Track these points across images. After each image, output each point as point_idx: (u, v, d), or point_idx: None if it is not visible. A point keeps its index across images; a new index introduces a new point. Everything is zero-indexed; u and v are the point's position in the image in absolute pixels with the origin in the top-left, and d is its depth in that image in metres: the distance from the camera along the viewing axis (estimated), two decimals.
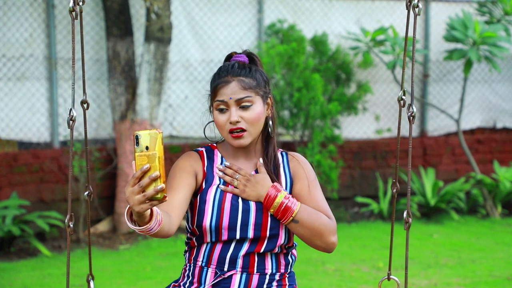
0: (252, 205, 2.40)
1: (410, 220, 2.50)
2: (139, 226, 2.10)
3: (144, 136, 2.02)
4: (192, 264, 2.47)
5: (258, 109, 2.42)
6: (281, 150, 2.55)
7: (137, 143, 2.02)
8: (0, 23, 7.35)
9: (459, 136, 8.44)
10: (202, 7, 8.14)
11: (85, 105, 2.37)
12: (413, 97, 2.38)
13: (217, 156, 2.52)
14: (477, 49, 8.00)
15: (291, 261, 2.50)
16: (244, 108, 2.41)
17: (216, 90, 2.47)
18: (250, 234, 2.38)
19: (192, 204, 2.43)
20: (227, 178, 2.42)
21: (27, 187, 7.26)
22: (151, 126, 7.40)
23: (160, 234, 2.19)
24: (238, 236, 2.38)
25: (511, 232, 7.68)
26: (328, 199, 8.29)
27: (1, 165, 7.15)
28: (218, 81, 2.46)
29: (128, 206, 2.07)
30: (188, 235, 2.48)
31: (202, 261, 2.43)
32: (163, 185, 1.98)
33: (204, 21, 8.16)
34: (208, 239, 2.40)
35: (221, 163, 2.49)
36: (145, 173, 2.00)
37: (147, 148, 2.01)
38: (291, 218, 2.37)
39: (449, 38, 8.12)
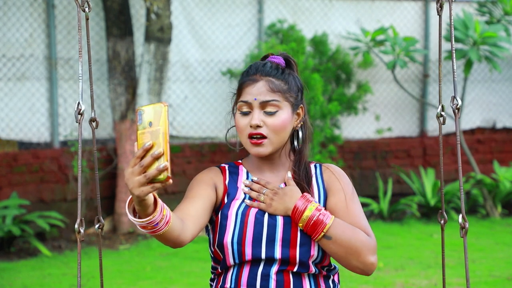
0: (279, 220, 2.13)
1: (467, 225, 2.25)
2: (141, 219, 1.86)
3: (148, 111, 1.79)
4: None
5: (284, 117, 2.14)
6: (315, 162, 2.26)
7: (140, 120, 1.80)
8: (0, 23, 7.35)
9: (461, 136, 8.43)
10: (202, 7, 8.14)
11: (94, 124, 2.21)
12: (456, 90, 2.22)
13: (242, 171, 2.23)
14: (478, 49, 8.00)
15: (332, 285, 2.22)
16: (269, 114, 2.13)
17: (241, 89, 2.17)
18: (278, 252, 2.10)
19: (213, 223, 2.17)
20: (254, 194, 2.13)
21: (27, 187, 7.26)
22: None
23: (170, 237, 1.94)
24: (264, 256, 2.10)
25: (511, 232, 7.68)
26: None
27: (1, 165, 7.16)
28: (245, 78, 2.17)
29: (130, 197, 1.86)
30: (213, 263, 2.22)
31: (230, 284, 2.14)
32: (166, 163, 1.75)
33: (204, 21, 8.15)
34: (231, 261, 2.12)
35: (247, 178, 2.21)
36: (147, 151, 1.77)
37: (150, 124, 1.78)
38: (322, 233, 2.07)
39: (450, 38, 8.11)
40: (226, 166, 2.26)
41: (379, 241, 7.20)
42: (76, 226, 2.09)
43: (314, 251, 2.12)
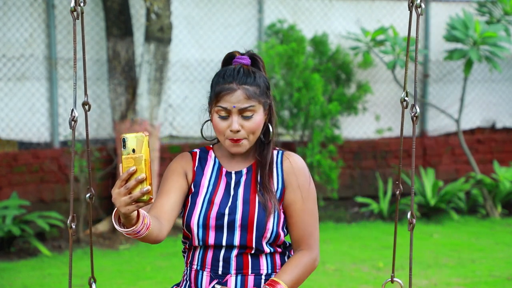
0: (239, 205, 2.39)
1: (414, 221, 2.44)
2: (126, 228, 2.12)
3: (131, 139, 2.04)
4: (188, 268, 2.46)
5: (259, 118, 2.40)
6: (278, 148, 2.50)
7: (124, 146, 2.04)
8: (0, 23, 7.35)
9: (459, 136, 8.45)
10: (202, 7, 8.14)
11: (86, 107, 2.36)
12: (416, 97, 2.37)
13: (211, 157, 2.51)
14: (478, 49, 8.00)
15: (288, 255, 2.48)
16: (246, 118, 2.39)
17: (220, 96, 2.42)
18: (236, 240, 2.37)
19: (184, 206, 2.44)
20: None
21: (27, 187, 7.26)
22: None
23: (149, 239, 2.20)
24: (224, 243, 2.37)
25: (511, 232, 7.68)
26: (328, 199, 8.30)
27: (1, 165, 7.16)
28: (222, 86, 2.42)
29: (116, 209, 2.09)
30: (183, 238, 2.48)
31: (197, 264, 2.42)
32: (149, 187, 2.01)
33: (204, 21, 8.16)
34: (196, 243, 2.40)
35: (214, 164, 2.48)
36: (131, 175, 2.02)
37: (133, 150, 2.03)
38: None
39: (450, 38, 8.12)
40: (198, 151, 2.54)
41: (379, 241, 7.21)
42: (68, 222, 2.26)
43: (268, 233, 2.37)
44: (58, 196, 7.39)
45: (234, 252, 2.38)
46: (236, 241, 2.37)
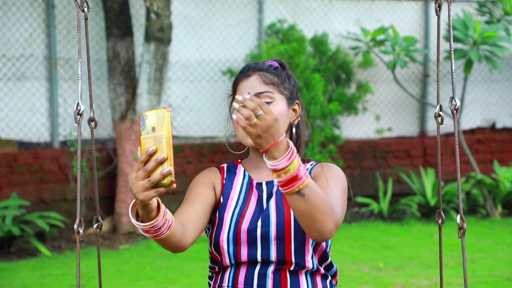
0: (273, 217, 2.13)
1: (465, 225, 2.18)
2: (144, 223, 1.88)
3: (151, 117, 1.81)
4: None
5: (279, 108, 2.14)
6: (314, 161, 2.27)
7: (143, 125, 1.82)
8: (0, 23, 7.35)
9: (459, 136, 8.44)
10: (202, 7, 8.14)
11: (92, 124, 2.22)
12: (454, 91, 2.25)
13: (240, 170, 2.25)
14: (478, 49, 8.00)
15: (329, 285, 2.22)
16: None
17: (236, 87, 2.21)
18: (273, 254, 2.11)
19: (212, 223, 2.20)
20: (245, 113, 1.84)
21: (27, 187, 7.26)
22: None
23: (171, 242, 1.96)
24: (259, 259, 2.12)
25: (511, 232, 7.68)
26: None
27: (1, 165, 7.16)
28: (238, 75, 2.22)
29: (134, 200, 1.87)
30: (210, 263, 2.26)
31: (228, 285, 2.17)
32: (170, 167, 1.78)
33: (204, 21, 8.15)
34: (227, 262, 2.15)
35: (244, 178, 2.23)
36: (151, 156, 1.80)
37: (153, 129, 1.81)
38: (297, 189, 1.91)
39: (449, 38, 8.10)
40: (225, 166, 2.29)
41: (379, 241, 7.21)
42: (75, 226, 2.10)
43: (308, 244, 2.12)
44: (58, 196, 7.39)
45: (271, 268, 2.12)
46: (273, 255, 2.12)
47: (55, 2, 7.49)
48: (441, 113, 2.25)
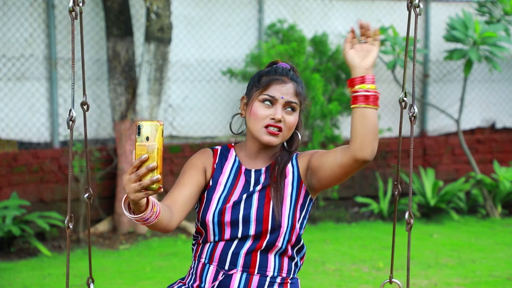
0: (254, 202, 2.41)
1: (412, 221, 2.47)
2: (135, 215, 2.16)
3: (146, 127, 2.06)
4: (196, 261, 2.49)
5: (296, 118, 2.46)
6: (297, 152, 2.54)
7: (139, 133, 2.06)
8: (0, 23, 7.35)
9: (459, 136, 8.44)
10: (202, 7, 8.14)
11: (85, 107, 2.39)
12: (414, 97, 2.39)
13: (231, 155, 2.52)
14: (477, 49, 8.00)
15: (294, 267, 2.47)
16: (288, 112, 2.43)
17: (270, 85, 2.44)
18: (252, 230, 2.39)
19: (200, 202, 2.47)
20: (370, 35, 2.31)
21: (27, 187, 7.26)
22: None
23: (158, 226, 2.24)
24: (240, 235, 2.39)
25: (511, 232, 7.68)
26: (328, 199, 8.30)
27: (1, 165, 7.16)
28: (275, 76, 2.46)
29: (126, 195, 2.13)
30: (194, 233, 2.51)
31: (205, 258, 2.44)
32: (159, 176, 2.04)
33: (204, 21, 8.16)
34: (212, 238, 2.42)
35: (234, 163, 2.50)
36: (143, 162, 2.05)
37: (147, 138, 2.06)
38: (376, 106, 2.29)
39: (449, 38, 8.11)
40: (219, 148, 2.54)
41: (379, 241, 7.21)
42: (65, 222, 2.36)
43: (284, 228, 2.39)
44: (58, 196, 7.39)
45: (246, 245, 2.39)
46: (252, 231, 2.38)
47: (55, 2, 7.50)
48: (405, 99, 2.41)
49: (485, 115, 9.40)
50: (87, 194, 2.40)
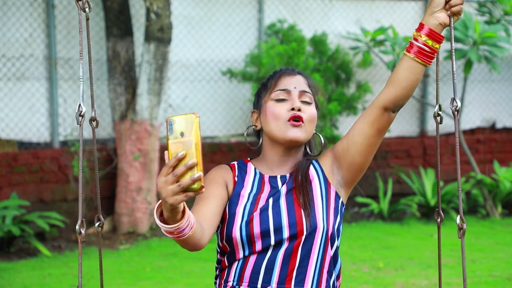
0: (283, 206, 2.20)
1: (465, 226, 2.23)
2: (169, 225, 1.91)
3: (179, 121, 1.83)
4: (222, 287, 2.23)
5: (315, 112, 2.28)
6: (315, 160, 2.35)
7: (171, 130, 1.83)
8: (0, 23, 7.35)
9: (459, 136, 8.44)
10: (202, 7, 8.14)
11: (94, 123, 2.29)
12: (455, 92, 2.27)
13: (251, 168, 2.31)
14: (477, 49, 8.00)
15: (333, 283, 2.25)
16: (306, 103, 2.26)
17: (279, 80, 2.28)
18: (286, 234, 2.16)
19: (222, 219, 2.23)
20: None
21: (27, 187, 7.26)
22: (152, 126, 7.39)
23: (191, 241, 1.99)
24: (273, 243, 2.16)
25: (511, 232, 7.68)
26: None
27: (1, 165, 7.16)
28: (282, 72, 2.31)
29: (159, 202, 1.90)
30: (218, 256, 2.27)
31: (233, 280, 2.20)
32: (200, 173, 1.80)
33: (204, 21, 8.16)
34: (241, 255, 2.19)
35: (255, 175, 2.29)
36: (180, 161, 1.81)
37: (182, 134, 1.82)
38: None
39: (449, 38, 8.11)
40: (235, 163, 2.34)
41: (379, 241, 7.21)
42: (77, 227, 2.16)
43: (320, 224, 2.18)
44: (58, 196, 7.39)
45: (282, 250, 2.16)
46: (286, 234, 2.16)
47: (55, 2, 7.50)
48: (440, 112, 2.29)
49: (485, 115, 9.40)
50: (98, 223, 2.26)
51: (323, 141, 2.34)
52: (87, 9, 2.23)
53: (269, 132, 2.26)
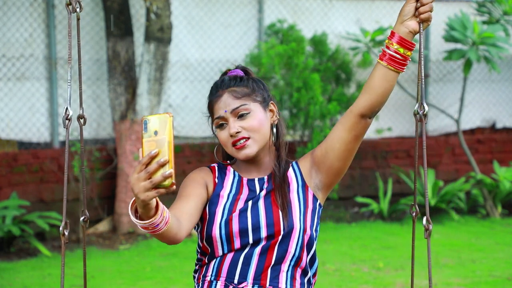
0: (261, 208, 2.27)
1: (431, 227, 2.36)
2: (143, 221, 1.97)
3: (153, 121, 1.90)
4: (200, 283, 2.30)
5: (258, 116, 2.30)
6: (294, 161, 2.40)
7: (145, 128, 1.90)
8: (0, 23, 7.35)
9: (459, 136, 8.45)
10: (202, 7, 8.14)
11: (82, 121, 2.31)
12: (423, 96, 2.34)
13: (230, 171, 2.38)
14: (477, 49, 8.00)
15: (307, 284, 2.32)
16: (243, 117, 2.30)
17: (213, 108, 2.38)
18: (263, 233, 2.24)
19: (202, 219, 2.30)
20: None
21: (27, 187, 7.26)
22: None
23: (167, 235, 2.05)
24: (251, 241, 2.24)
25: (511, 232, 7.68)
26: (328, 199, 8.30)
27: (1, 165, 7.16)
28: (210, 98, 2.40)
29: (133, 199, 1.96)
30: (199, 255, 2.34)
31: (211, 275, 2.27)
32: (171, 170, 1.87)
33: (204, 21, 8.16)
34: (220, 252, 2.26)
35: (234, 177, 2.36)
36: (152, 158, 1.88)
37: (155, 133, 1.89)
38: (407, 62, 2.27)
39: (448, 39, 8.12)
40: (216, 166, 2.41)
41: (379, 241, 7.21)
42: (61, 229, 2.22)
43: (296, 224, 2.25)
44: (58, 196, 7.39)
45: (258, 247, 2.23)
46: (263, 233, 2.23)
47: (55, 2, 7.50)
48: (420, 112, 2.39)
49: (485, 115, 9.40)
50: (83, 217, 2.29)
51: (282, 130, 2.39)
52: (78, 9, 2.25)
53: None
